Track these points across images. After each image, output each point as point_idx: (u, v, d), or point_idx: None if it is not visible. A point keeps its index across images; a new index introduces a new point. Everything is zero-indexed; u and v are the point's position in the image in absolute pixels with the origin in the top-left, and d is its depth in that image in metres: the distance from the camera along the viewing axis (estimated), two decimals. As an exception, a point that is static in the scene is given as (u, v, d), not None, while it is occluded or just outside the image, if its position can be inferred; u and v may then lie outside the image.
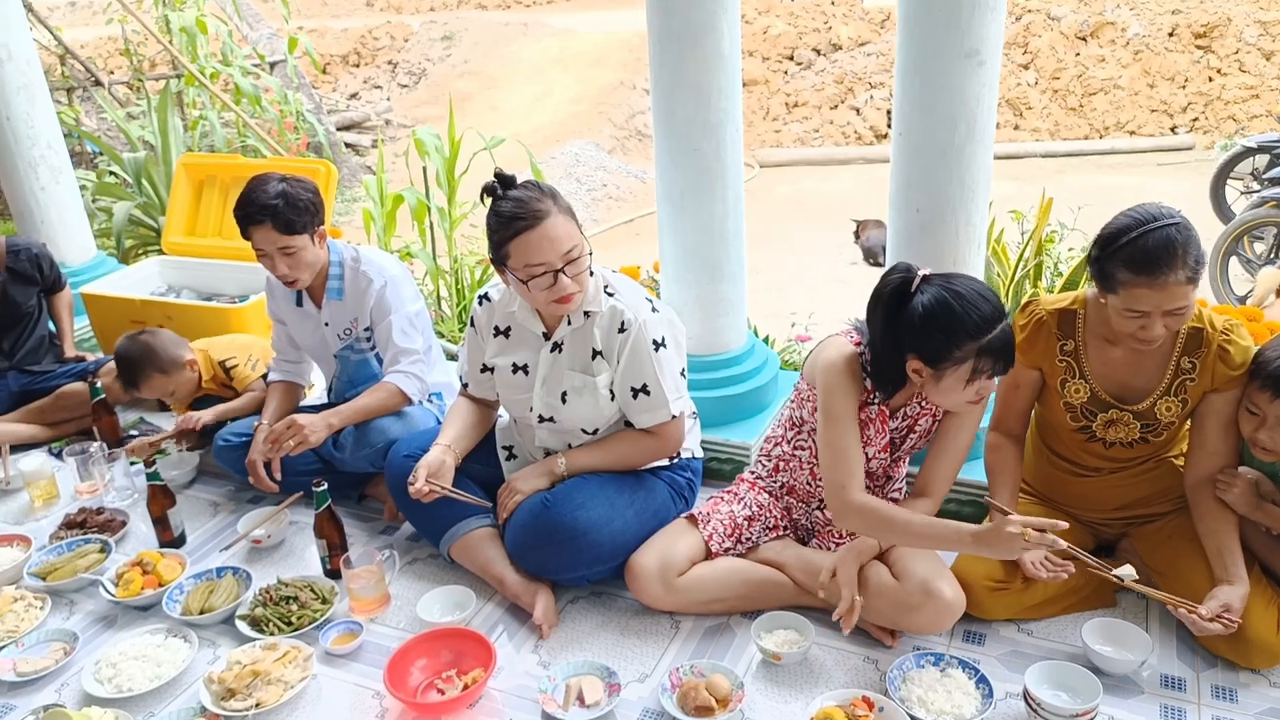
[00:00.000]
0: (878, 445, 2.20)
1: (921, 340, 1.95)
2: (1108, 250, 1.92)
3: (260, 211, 2.55)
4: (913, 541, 2.07)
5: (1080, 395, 2.13)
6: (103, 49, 13.40)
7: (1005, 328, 1.94)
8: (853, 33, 12.00)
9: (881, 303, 2.01)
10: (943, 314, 1.92)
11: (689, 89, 2.50)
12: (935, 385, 2.00)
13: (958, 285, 1.95)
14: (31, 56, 3.88)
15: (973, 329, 1.91)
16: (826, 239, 7.64)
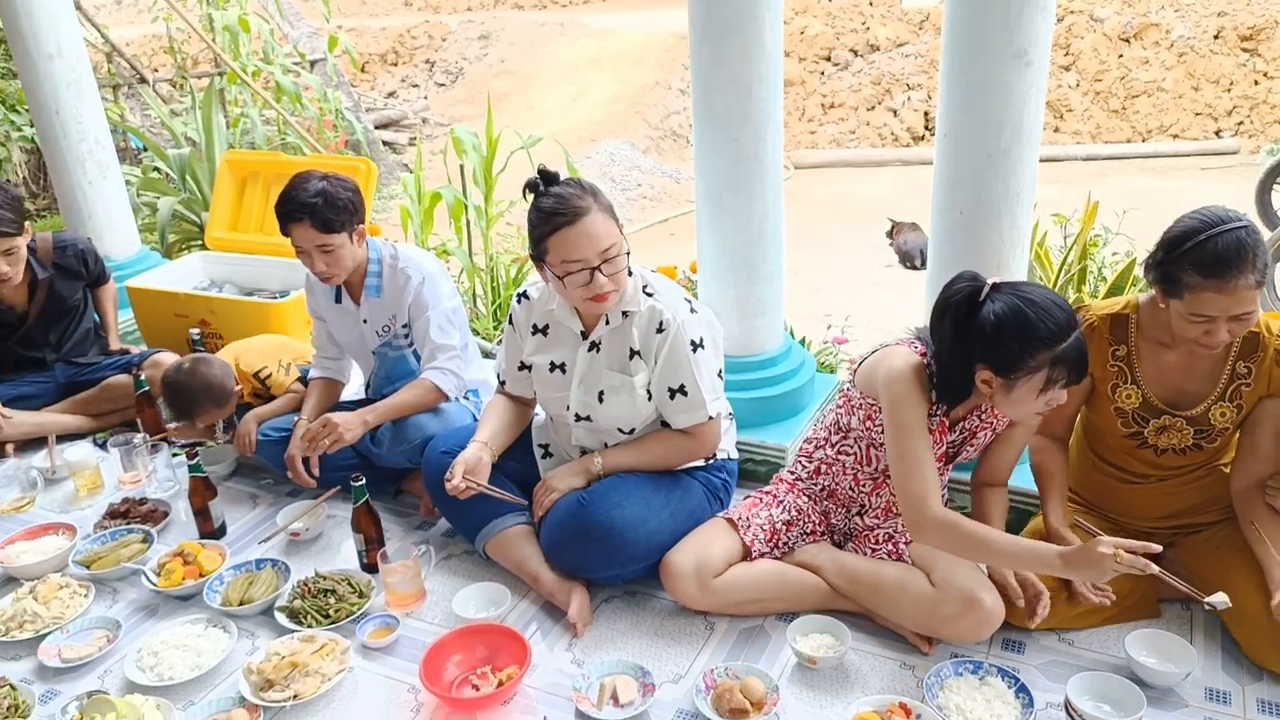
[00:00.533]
0: (934, 455, 2.17)
1: (993, 349, 1.90)
2: (1174, 253, 1.88)
3: (299, 209, 2.57)
4: (995, 560, 2.02)
5: (1132, 401, 2.09)
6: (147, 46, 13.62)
7: (1079, 336, 1.90)
8: (891, 33, 11.90)
9: (949, 312, 1.96)
10: (1016, 322, 1.87)
11: (728, 78, 2.49)
12: (1006, 396, 1.95)
13: (1030, 293, 1.90)
14: (80, 53, 3.95)
15: (1047, 337, 1.86)
16: (862, 241, 7.58)
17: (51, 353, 3.38)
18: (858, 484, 2.31)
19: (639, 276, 2.29)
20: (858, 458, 2.28)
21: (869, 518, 2.32)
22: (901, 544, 2.23)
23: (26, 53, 3.80)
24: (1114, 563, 1.78)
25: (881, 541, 2.27)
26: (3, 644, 2.31)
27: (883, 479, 2.28)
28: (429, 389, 2.71)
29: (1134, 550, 1.79)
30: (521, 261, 5.10)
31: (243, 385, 3.07)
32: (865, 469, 2.29)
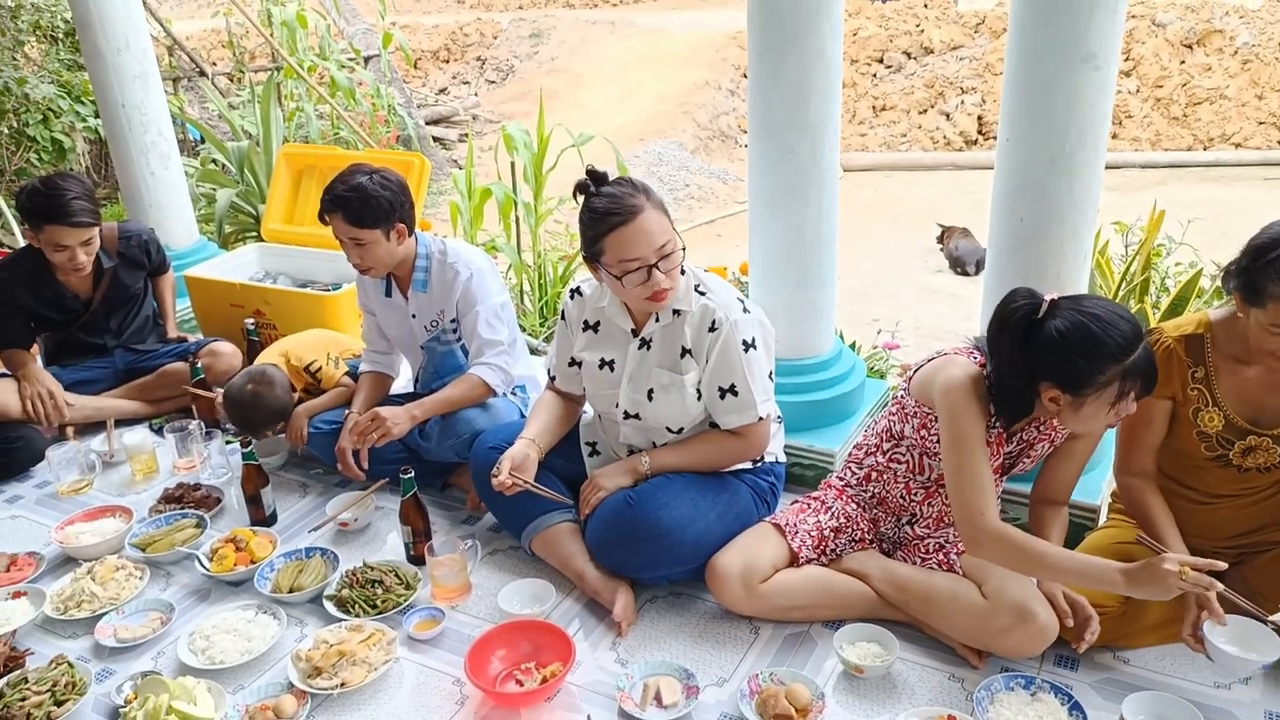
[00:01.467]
0: (990, 467, 2.14)
1: (1060, 367, 1.86)
2: (1260, 260, 1.82)
3: (333, 201, 2.61)
4: (1053, 575, 1.98)
5: (1215, 424, 2.02)
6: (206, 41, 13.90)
7: (1147, 346, 1.85)
8: (945, 36, 11.76)
9: (1008, 329, 1.92)
10: (1082, 339, 1.82)
11: (788, 89, 2.48)
12: (1075, 413, 1.91)
13: (1092, 307, 1.86)
14: (147, 47, 4.03)
15: (1116, 350, 1.81)
16: (911, 245, 7.51)
17: (112, 339, 3.45)
18: (909, 492, 2.28)
19: (691, 275, 2.28)
20: (910, 466, 2.25)
21: (919, 527, 2.28)
22: (953, 554, 2.20)
23: (96, 46, 3.89)
24: (1179, 580, 1.74)
25: (932, 551, 2.24)
26: (61, 622, 2.36)
27: (935, 488, 2.24)
28: (476, 384, 2.73)
29: (1199, 568, 1.75)
30: (569, 259, 5.11)
31: (294, 381, 3.11)
32: (917, 477, 2.26)
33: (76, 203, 3.00)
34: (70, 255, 3.06)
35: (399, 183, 2.68)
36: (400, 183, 2.69)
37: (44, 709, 2.01)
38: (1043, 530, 2.17)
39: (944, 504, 2.24)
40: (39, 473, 3.11)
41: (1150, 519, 2.08)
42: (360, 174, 2.63)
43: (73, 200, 2.99)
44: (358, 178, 2.61)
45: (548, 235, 5.73)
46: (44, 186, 3.00)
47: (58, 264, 3.11)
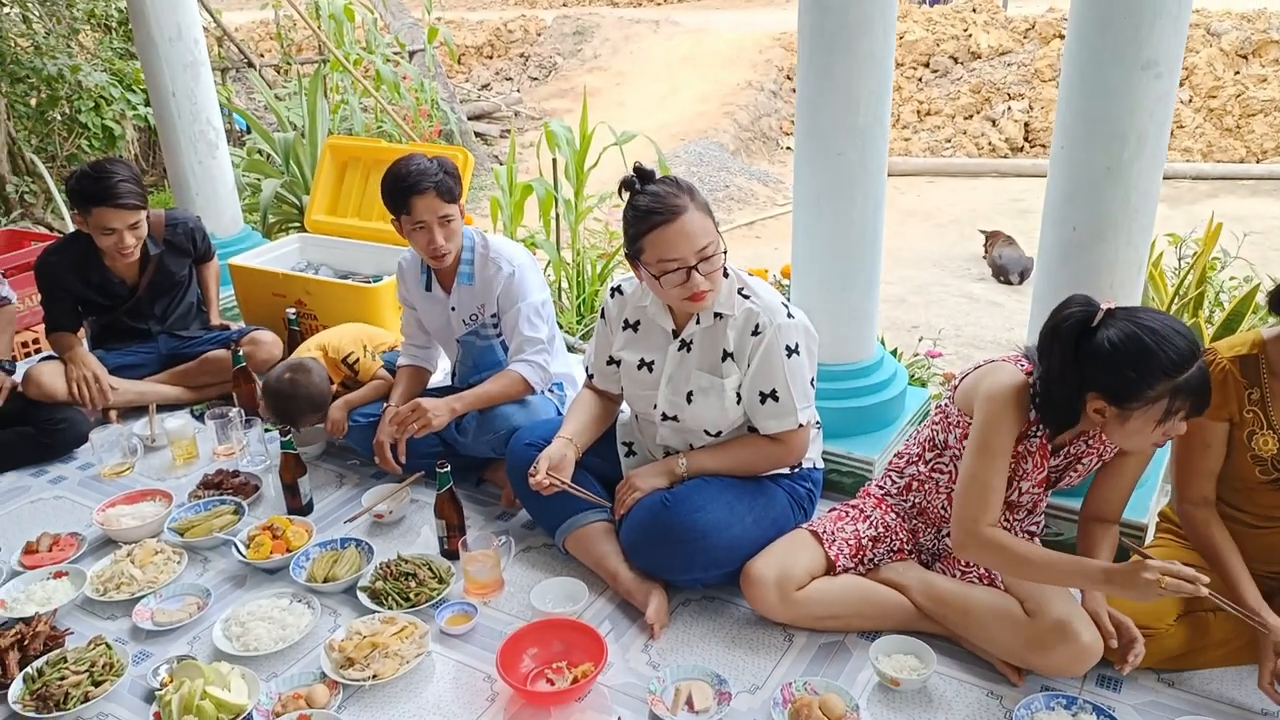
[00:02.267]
0: (1034, 479, 2.09)
1: (1109, 378, 1.81)
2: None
3: (425, 178, 2.60)
4: (1038, 575, 1.96)
5: (1270, 447, 1.96)
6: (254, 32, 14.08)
7: (1202, 365, 1.80)
8: (993, 41, 11.60)
9: (1059, 337, 1.87)
10: (1134, 350, 1.78)
11: (838, 91, 2.44)
12: (1120, 426, 1.86)
13: (1148, 319, 1.81)
14: (199, 36, 4.09)
15: (1169, 366, 1.76)
16: (953, 252, 7.41)
17: (156, 325, 3.49)
18: (950, 503, 2.24)
19: (735, 278, 2.26)
20: (952, 477, 2.20)
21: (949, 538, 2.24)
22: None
23: (149, 35, 3.95)
24: (1158, 588, 1.75)
25: (972, 565, 2.19)
26: (100, 603, 2.39)
27: None
28: (516, 380, 2.73)
29: (1180, 576, 1.74)
30: (608, 257, 5.11)
31: (332, 373, 3.13)
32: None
33: (124, 186, 3.04)
34: (117, 239, 3.10)
35: (454, 164, 2.70)
36: (454, 164, 2.71)
37: (82, 689, 2.04)
38: (1091, 549, 2.11)
39: None
40: (82, 454, 3.16)
41: (1217, 555, 2.02)
42: (426, 158, 2.64)
43: (120, 183, 3.03)
44: (431, 159, 2.63)
45: (587, 233, 5.72)
46: (93, 170, 3.04)
47: (105, 248, 3.15)
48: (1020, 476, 2.07)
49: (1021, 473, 2.06)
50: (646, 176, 2.15)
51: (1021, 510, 2.17)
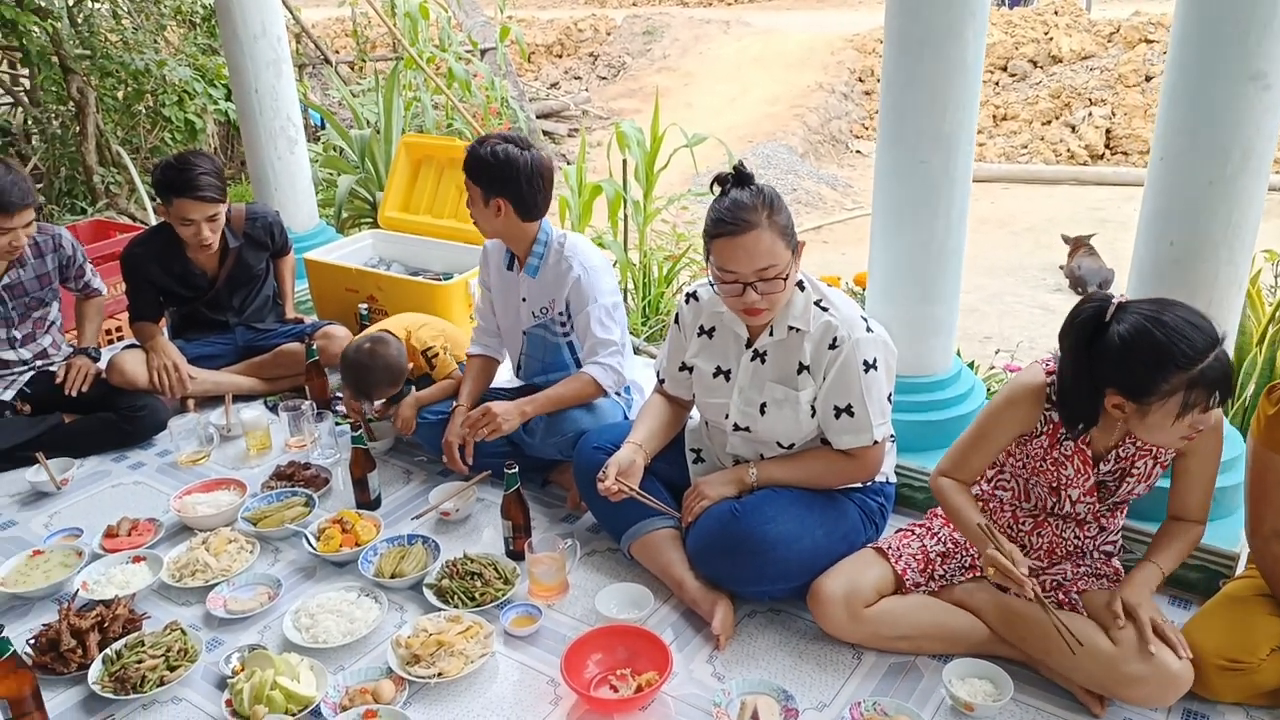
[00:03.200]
0: (1080, 487, 2.04)
1: (1121, 374, 1.80)
2: None
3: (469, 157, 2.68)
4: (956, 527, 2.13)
5: None
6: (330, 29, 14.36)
7: (1219, 356, 1.74)
8: (1075, 45, 11.30)
9: (1072, 331, 1.86)
10: (1144, 344, 1.75)
11: (923, 97, 2.38)
12: (1141, 421, 1.83)
13: (1160, 312, 1.78)
14: (282, 34, 4.16)
15: (1180, 359, 1.73)
16: (1028, 262, 7.23)
17: (234, 316, 3.57)
18: (1016, 521, 2.18)
19: (813, 290, 2.22)
20: (1015, 493, 2.16)
21: (1031, 558, 2.17)
22: (1073, 593, 2.09)
23: (234, 32, 4.03)
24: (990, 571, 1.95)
25: (1049, 589, 2.12)
26: (176, 589, 2.44)
27: (1044, 517, 2.14)
28: (588, 383, 2.71)
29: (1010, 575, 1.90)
30: (675, 259, 5.08)
31: (410, 361, 3.16)
32: (1024, 505, 2.16)
33: (204, 178, 3.10)
34: (195, 230, 3.17)
35: (518, 166, 2.63)
36: (519, 167, 2.63)
37: (157, 673, 2.08)
38: (1160, 538, 2.06)
39: (1054, 534, 2.13)
40: (161, 441, 3.24)
41: None
42: (495, 140, 2.65)
43: (201, 176, 3.10)
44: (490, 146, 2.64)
45: (654, 235, 5.71)
46: (176, 162, 3.12)
47: (186, 239, 3.22)
48: (1064, 484, 2.04)
49: (1063, 480, 2.03)
50: (742, 179, 2.12)
51: (1090, 526, 2.10)
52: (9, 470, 3.05)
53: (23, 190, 2.87)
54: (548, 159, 2.70)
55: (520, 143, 2.66)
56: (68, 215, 6.38)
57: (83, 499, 2.92)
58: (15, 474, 3.02)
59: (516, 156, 2.64)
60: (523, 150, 2.64)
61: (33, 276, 3.10)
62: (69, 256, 3.20)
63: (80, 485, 2.98)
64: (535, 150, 2.67)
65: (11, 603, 2.41)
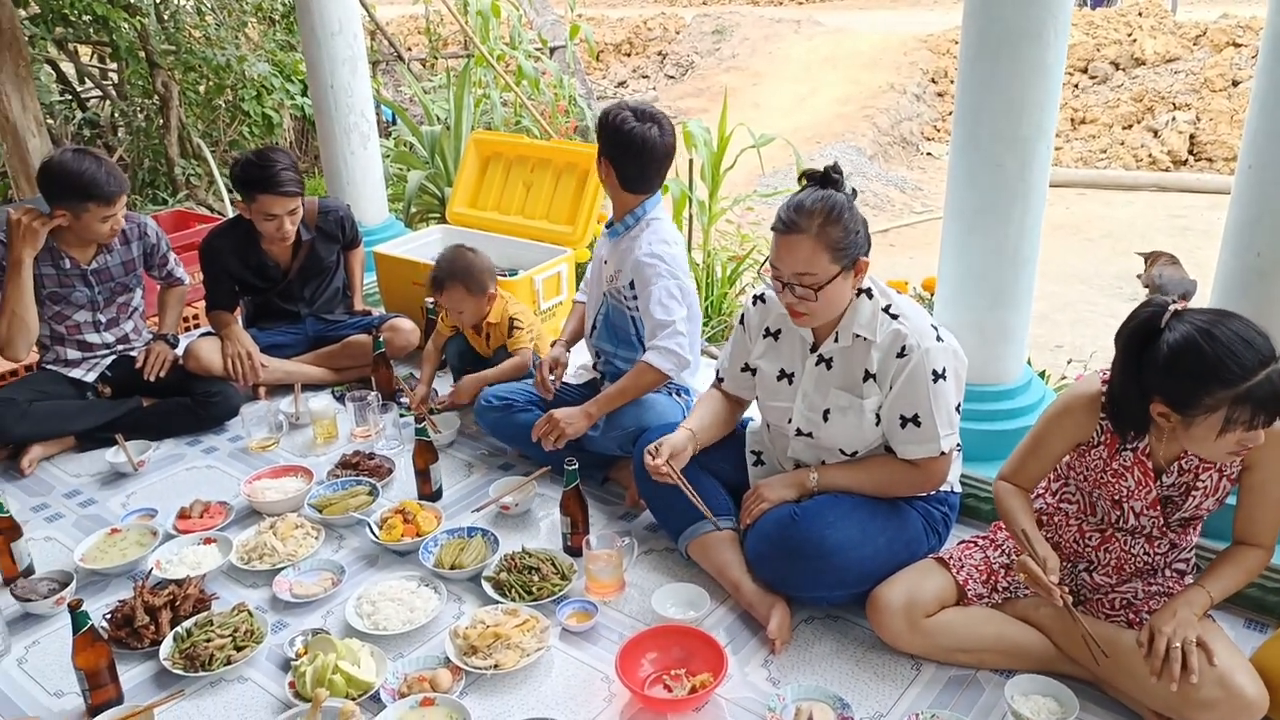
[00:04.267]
0: (1143, 500, 1.97)
1: (1167, 382, 1.75)
2: None
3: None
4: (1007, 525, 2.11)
5: None
6: (403, 27, 14.61)
7: (1272, 375, 1.67)
8: (1160, 47, 10.94)
9: (1124, 337, 1.83)
10: (1190, 356, 1.70)
11: (1000, 100, 2.33)
12: (1186, 433, 1.79)
13: (1214, 325, 1.71)
14: (358, 32, 4.24)
15: (1225, 375, 1.67)
16: (1103, 269, 7.03)
17: (305, 307, 3.65)
18: (1083, 535, 2.11)
19: (881, 297, 2.18)
20: (1080, 506, 2.10)
21: (1099, 575, 2.11)
22: (1144, 612, 2.02)
23: (312, 29, 4.12)
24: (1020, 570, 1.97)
25: (1118, 608, 2.06)
26: (244, 571, 2.51)
27: (1111, 532, 2.07)
28: (645, 371, 2.69)
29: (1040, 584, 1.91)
30: (739, 260, 5.06)
31: (494, 315, 3.24)
32: (1090, 519, 2.10)
33: (285, 174, 3.18)
34: (278, 224, 3.25)
35: (630, 134, 2.65)
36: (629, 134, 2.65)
37: (225, 652, 2.14)
38: (1218, 561, 1.98)
39: (1122, 550, 2.06)
40: (233, 427, 3.33)
41: None
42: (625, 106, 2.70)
43: (282, 171, 3.17)
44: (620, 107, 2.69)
45: (718, 235, 5.68)
46: (258, 158, 3.20)
47: (266, 232, 3.31)
48: (1125, 496, 1.99)
49: (1124, 492, 1.98)
50: (825, 179, 2.10)
51: (1161, 543, 2.04)
52: (90, 450, 3.17)
53: (117, 179, 2.99)
54: (665, 139, 2.69)
55: (646, 116, 2.67)
56: (150, 205, 6.60)
57: (158, 480, 3.02)
58: (96, 454, 3.13)
59: (633, 128, 2.65)
60: (640, 123, 2.65)
61: (119, 263, 3.21)
62: (153, 245, 3.31)
63: (156, 467, 3.08)
64: (656, 127, 2.66)
65: (90, 579, 2.50)
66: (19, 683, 2.17)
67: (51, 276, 3.08)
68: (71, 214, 2.96)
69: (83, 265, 3.12)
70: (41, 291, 3.08)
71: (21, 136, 5.06)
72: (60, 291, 3.12)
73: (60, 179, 2.91)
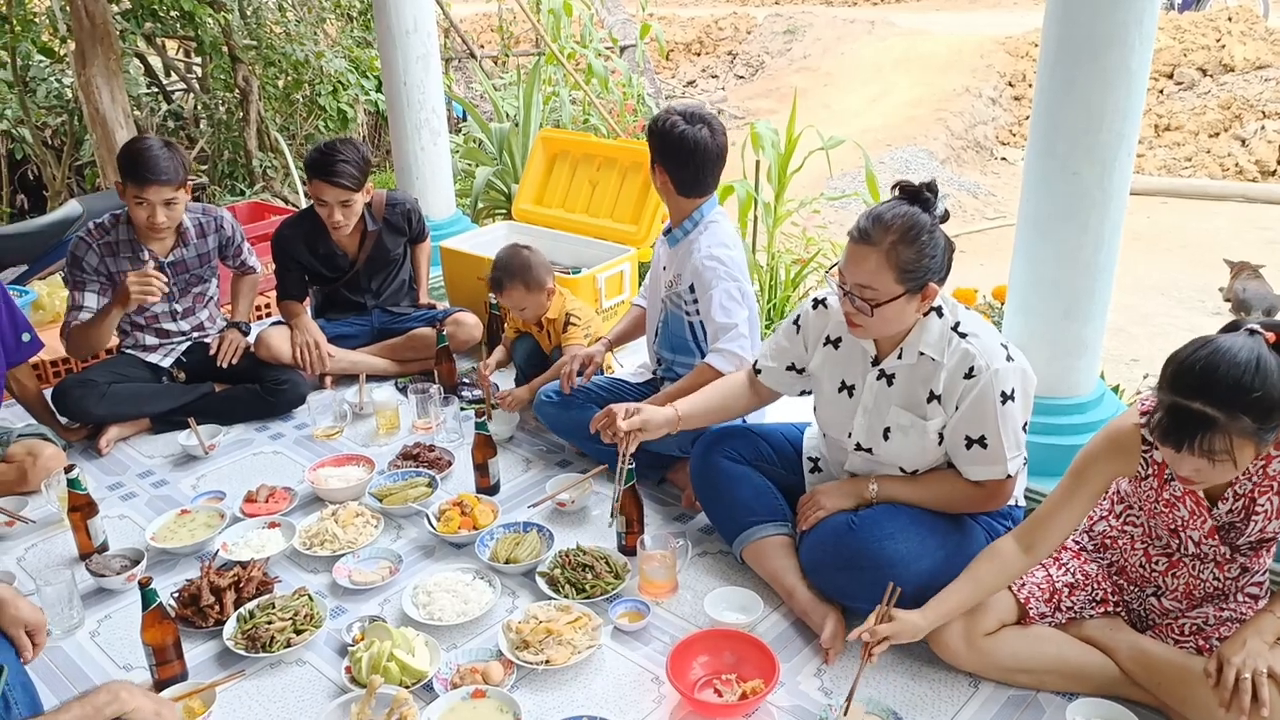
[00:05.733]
0: (1199, 529, 1.89)
1: None
2: None
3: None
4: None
5: None
6: (476, 24, 14.78)
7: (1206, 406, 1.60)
8: (1250, 54, 10.54)
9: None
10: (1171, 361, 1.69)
11: (1080, 106, 2.26)
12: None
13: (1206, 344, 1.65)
14: (432, 30, 4.30)
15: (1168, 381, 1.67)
16: (1184, 281, 6.79)
17: (371, 298, 3.71)
18: (1149, 560, 2.03)
19: (950, 315, 2.13)
20: (1146, 531, 2.02)
21: (1167, 600, 2.03)
22: (1214, 639, 1.94)
23: (388, 27, 4.20)
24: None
25: (1188, 634, 1.98)
26: (305, 556, 2.56)
27: (1179, 558, 1.99)
28: (706, 372, 2.68)
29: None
30: (803, 263, 5.00)
31: (552, 311, 3.27)
32: (1155, 544, 2.01)
33: (342, 165, 3.25)
34: (328, 212, 3.33)
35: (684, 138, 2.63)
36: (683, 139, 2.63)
37: (285, 635, 2.19)
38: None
39: (1190, 575, 1.98)
40: (299, 415, 3.40)
41: None
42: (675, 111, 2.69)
43: (340, 163, 3.24)
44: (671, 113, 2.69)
45: (783, 238, 5.63)
46: (324, 146, 3.28)
47: (321, 218, 3.38)
48: (1180, 526, 1.91)
49: (1179, 521, 1.91)
50: (909, 193, 2.06)
51: (1232, 567, 1.95)
52: (164, 432, 3.27)
53: (162, 167, 2.98)
54: (718, 141, 2.67)
55: (695, 119, 2.65)
56: (228, 196, 6.79)
57: (226, 464, 3.10)
58: (169, 436, 3.23)
59: (684, 132, 2.63)
60: (693, 126, 2.63)
61: (194, 255, 3.30)
62: (229, 237, 3.40)
63: (225, 451, 3.17)
64: (708, 129, 2.65)
65: (160, 557, 2.58)
66: (91, 654, 2.25)
67: (129, 272, 3.17)
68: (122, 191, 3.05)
69: (160, 258, 3.22)
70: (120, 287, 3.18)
71: (110, 128, 5.24)
72: None
73: (121, 151, 3.02)
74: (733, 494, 2.45)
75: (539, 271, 3.20)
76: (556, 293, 3.29)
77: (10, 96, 6.29)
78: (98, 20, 5.07)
